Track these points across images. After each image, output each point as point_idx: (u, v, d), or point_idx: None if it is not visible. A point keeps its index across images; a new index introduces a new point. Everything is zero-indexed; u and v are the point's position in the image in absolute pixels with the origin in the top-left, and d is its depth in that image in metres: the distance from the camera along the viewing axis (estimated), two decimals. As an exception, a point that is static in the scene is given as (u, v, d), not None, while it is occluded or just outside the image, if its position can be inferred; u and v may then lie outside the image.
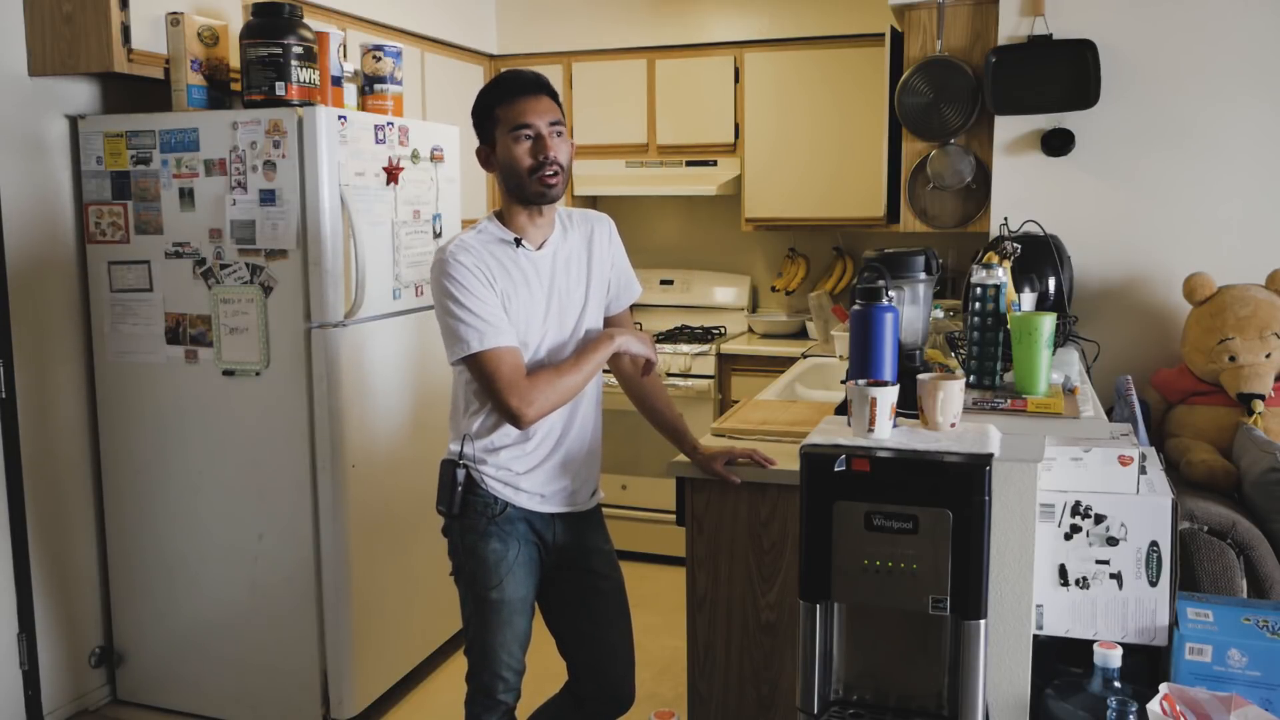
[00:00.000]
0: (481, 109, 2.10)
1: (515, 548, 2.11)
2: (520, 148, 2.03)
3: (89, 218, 3.00)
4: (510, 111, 2.04)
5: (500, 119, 2.05)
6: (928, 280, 1.86)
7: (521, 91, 2.05)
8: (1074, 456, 1.72)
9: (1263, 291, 2.93)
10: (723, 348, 4.27)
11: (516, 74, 2.10)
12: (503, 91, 2.07)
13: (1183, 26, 3.15)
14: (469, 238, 2.06)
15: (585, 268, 2.17)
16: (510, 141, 2.04)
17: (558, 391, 2.01)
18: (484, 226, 2.10)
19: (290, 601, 2.95)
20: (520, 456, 2.09)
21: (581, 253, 2.17)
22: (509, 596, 2.10)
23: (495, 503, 2.09)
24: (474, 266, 2.01)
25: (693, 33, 4.38)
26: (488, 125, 2.09)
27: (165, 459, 3.02)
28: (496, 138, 2.07)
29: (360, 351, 2.96)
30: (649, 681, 3.03)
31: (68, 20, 2.79)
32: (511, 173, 2.05)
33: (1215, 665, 1.64)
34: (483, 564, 2.09)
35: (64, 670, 3.04)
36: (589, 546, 2.22)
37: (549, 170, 2.03)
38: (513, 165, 2.04)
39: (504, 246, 2.07)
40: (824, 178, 4.26)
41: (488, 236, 2.07)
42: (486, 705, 2.15)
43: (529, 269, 2.08)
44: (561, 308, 2.11)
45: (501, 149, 2.06)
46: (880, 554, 1.48)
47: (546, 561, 2.18)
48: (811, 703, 1.56)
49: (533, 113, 2.04)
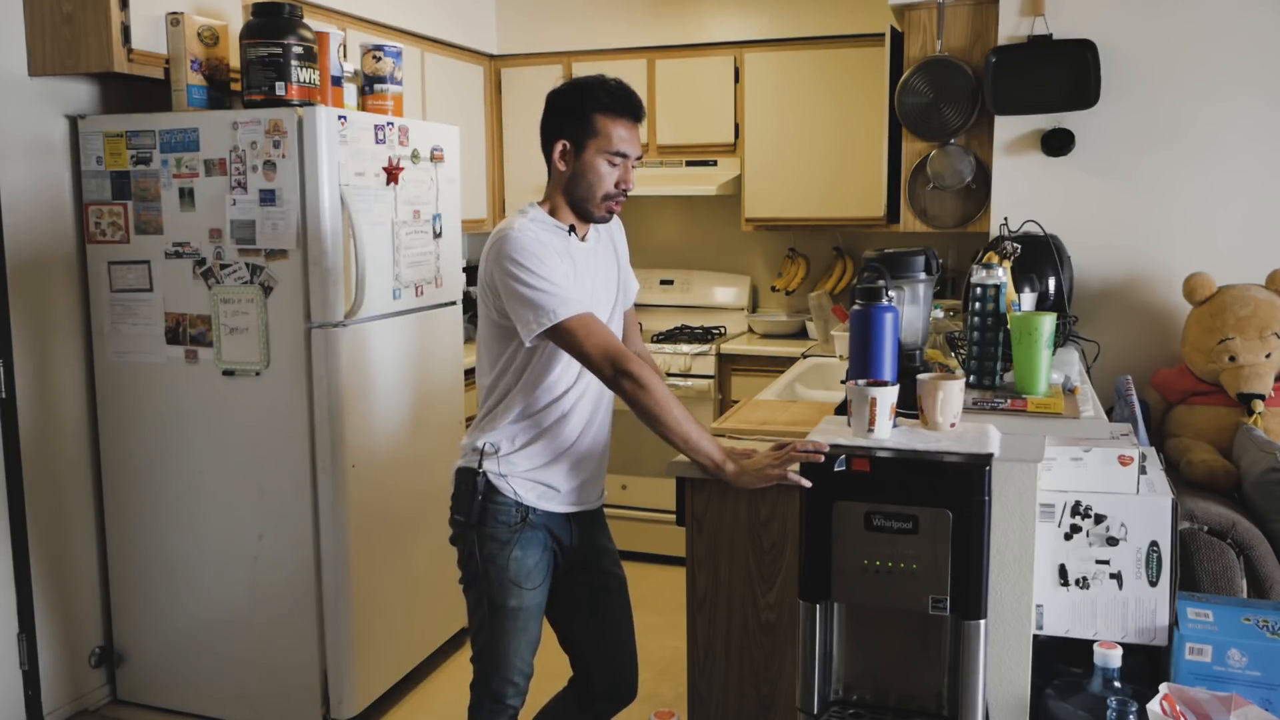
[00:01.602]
0: (580, 110, 2.01)
1: (535, 554, 2.09)
2: (610, 170, 2.00)
3: (89, 218, 3.00)
4: (616, 130, 1.99)
5: (601, 132, 1.99)
6: (928, 280, 1.86)
7: (633, 114, 2.01)
8: (1074, 456, 1.72)
9: (1263, 291, 2.93)
10: (723, 348, 4.27)
11: (629, 92, 2.02)
12: (616, 104, 2.00)
13: (1183, 26, 3.15)
14: (524, 222, 2.00)
15: (615, 266, 2.18)
16: (602, 160, 2.00)
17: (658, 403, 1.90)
18: (533, 214, 2.04)
19: (290, 601, 2.95)
20: (550, 444, 2.08)
21: (609, 252, 2.18)
22: (527, 604, 2.09)
23: (517, 509, 2.07)
24: (539, 242, 1.96)
25: (693, 33, 4.38)
26: (581, 127, 2.00)
27: (165, 459, 3.02)
28: (587, 145, 2.00)
29: (360, 351, 2.96)
30: (649, 681, 3.03)
31: (68, 20, 2.79)
32: (586, 186, 2.02)
33: (1215, 665, 1.64)
34: (503, 572, 2.06)
35: (64, 670, 3.04)
36: (598, 546, 2.22)
37: (619, 200, 2.03)
38: (593, 182, 2.01)
39: (558, 233, 2.04)
40: (824, 178, 4.26)
41: (540, 225, 2.02)
42: (494, 711, 2.13)
43: (580, 258, 2.06)
44: (598, 303, 2.09)
45: (588, 161, 2.00)
46: (880, 554, 1.48)
47: (560, 565, 2.17)
48: (811, 703, 1.56)
49: (634, 142, 2.02)
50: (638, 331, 2.35)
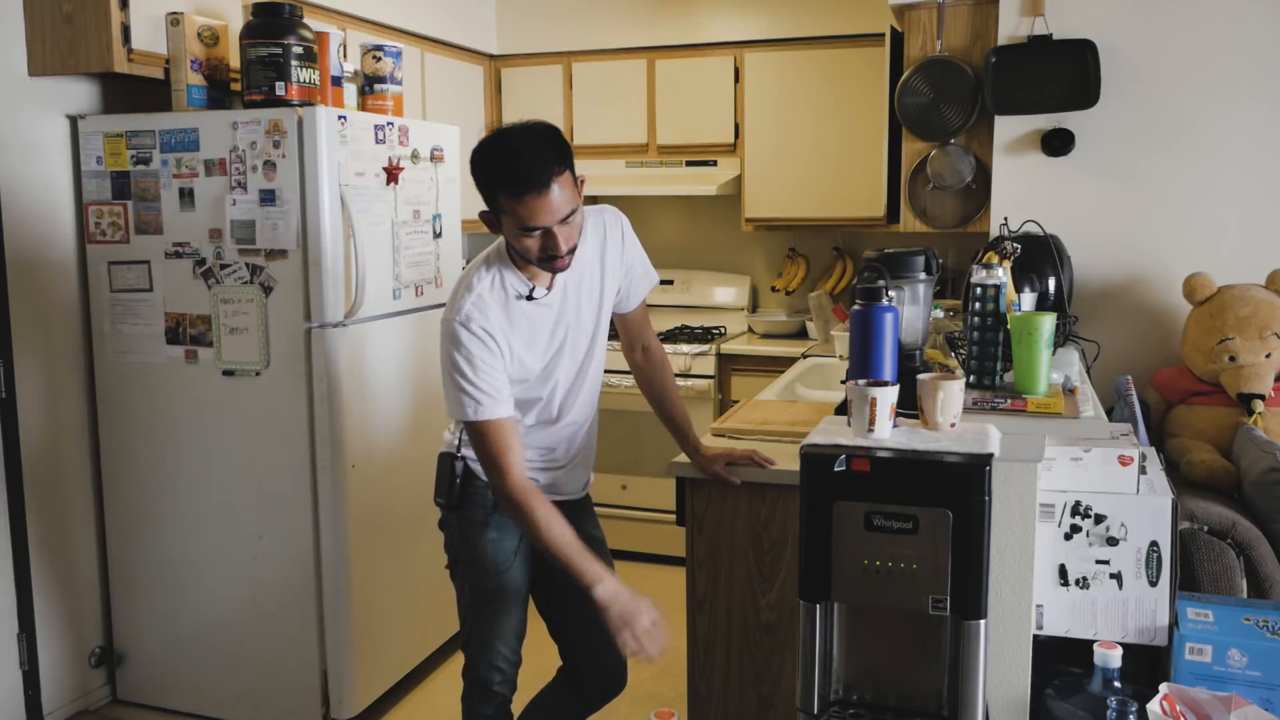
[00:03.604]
0: (485, 185, 1.91)
1: (513, 538, 2.12)
2: (529, 241, 1.89)
3: (89, 218, 3.00)
4: (518, 210, 1.86)
5: (507, 210, 1.88)
6: (928, 280, 1.86)
7: (530, 189, 1.83)
8: (1074, 456, 1.72)
9: (1263, 291, 2.93)
10: (723, 348, 4.27)
11: (530, 163, 1.84)
12: (510, 184, 1.85)
13: (1183, 26, 3.15)
14: (484, 293, 1.96)
15: (598, 287, 2.10)
16: (519, 234, 1.89)
17: (526, 516, 1.96)
18: (496, 275, 1.99)
19: (290, 601, 2.95)
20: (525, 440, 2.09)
21: (594, 269, 2.09)
22: (506, 588, 2.12)
23: (492, 494, 2.09)
24: (483, 334, 1.93)
25: (693, 33, 4.38)
26: (491, 203, 1.92)
27: (165, 459, 3.01)
28: (502, 219, 1.91)
29: (360, 351, 2.96)
30: (649, 681, 3.02)
31: (68, 20, 2.79)
32: (521, 251, 1.94)
33: (1215, 665, 1.64)
34: (481, 556, 2.11)
35: (64, 670, 3.04)
36: (582, 535, 2.21)
37: (561, 259, 1.92)
38: (523, 249, 1.92)
39: (517, 301, 1.99)
40: (824, 178, 4.26)
41: (500, 293, 1.98)
42: (483, 698, 2.17)
43: (538, 313, 2.03)
44: (574, 334, 2.07)
45: (509, 232, 1.92)
46: (880, 554, 1.48)
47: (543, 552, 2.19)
48: (811, 703, 1.56)
49: (545, 214, 1.85)
50: (648, 325, 2.31)
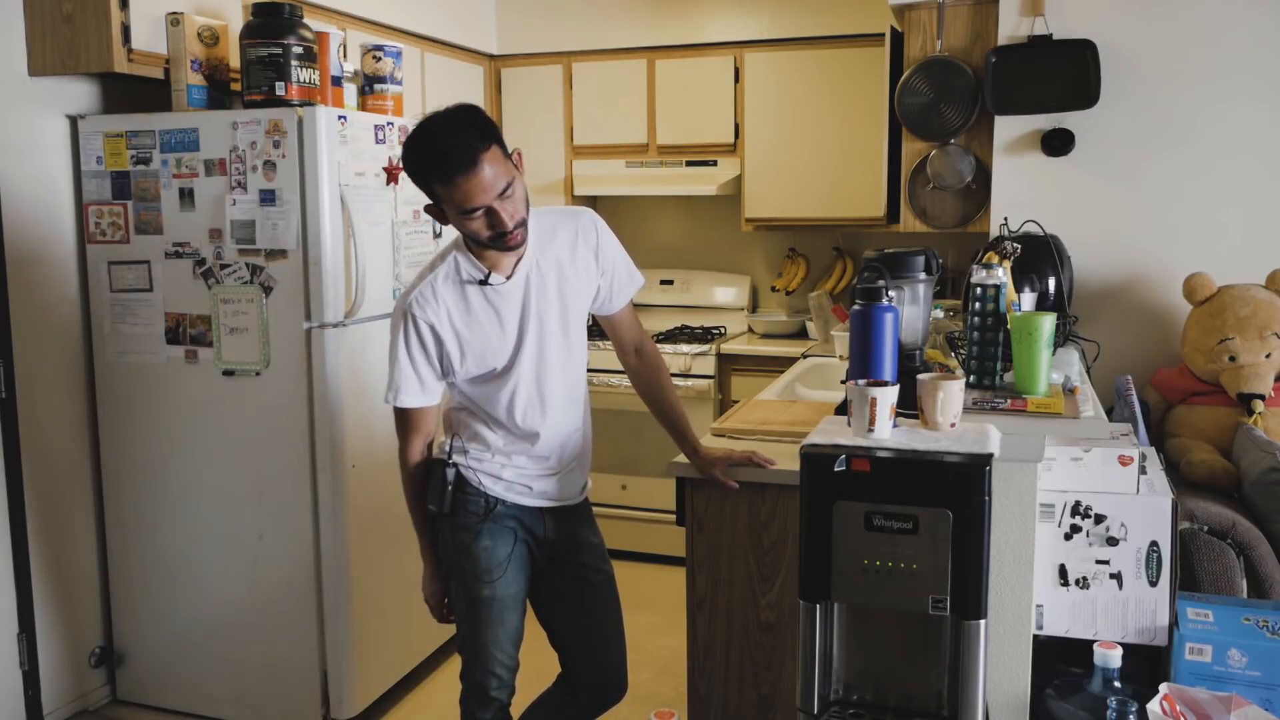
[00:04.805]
0: (417, 178, 1.90)
1: (507, 545, 2.12)
2: (475, 223, 1.88)
3: (89, 218, 3.00)
4: (453, 195, 1.84)
5: (443, 198, 1.88)
6: (928, 280, 1.86)
7: (458, 171, 1.81)
8: (1074, 456, 1.72)
9: (1263, 291, 2.93)
10: (723, 348, 4.27)
11: (446, 148, 1.82)
12: (439, 170, 1.84)
13: (1183, 26, 3.15)
14: (437, 281, 1.99)
15: (570, 284, 2.08)
16: (463, 219, 1.88)
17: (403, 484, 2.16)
18: (453, 261, 2.00)
19: (290, 601, 2.95)
20: (514, 448, 2.09)
21: (566, 267, 2.08)
22: (501, 594, 2.11)
23: (485, 500, 2.10)
24: (425, 326, 1.97)
25: (693, 33, 4.38)
26: (430, 194, 1.91)
27: (165, 459, 3.02)
28: (443, 208, 1.91)
29: (360, 351, 2.96)
30: (649, 681, 3.02)
31: (68, 20, 2.79)
32: (469, 235, 1.94)
33: (1215, 665, 1.64)
34: (474, 562, 2.10)
35: (64, 670, 3.04)
36: (579, 540, 2.22)
37: (511, 236, 1.90)
38: (471, 234, 1.93)
39: (472, 287, 2.00)
40: (824, 178, 4.26)
41: (455, 279, 1.99)
42: (480, 702, 2.17)
43: (499, 300, 2.01)
44: (540, 328, 2.05)
45: (453, 219, 1.91)
46: (880, 554, 1.48)
47: (538, 557, 2.19)
48: (811, 703, 1.56)
49: (479, 193, 1.83)
50: (638, 326, 2.28)
